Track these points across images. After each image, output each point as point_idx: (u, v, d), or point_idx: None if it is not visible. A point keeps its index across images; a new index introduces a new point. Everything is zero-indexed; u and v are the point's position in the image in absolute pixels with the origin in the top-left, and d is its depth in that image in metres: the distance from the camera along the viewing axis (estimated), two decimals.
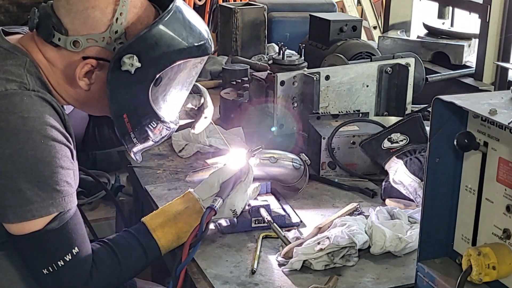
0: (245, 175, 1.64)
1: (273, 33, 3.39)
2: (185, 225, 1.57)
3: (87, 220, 3.02)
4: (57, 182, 1.40)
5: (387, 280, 1.50)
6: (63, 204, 1.42)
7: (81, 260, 1.44)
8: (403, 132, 1.98)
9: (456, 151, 1.30)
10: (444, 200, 1.34)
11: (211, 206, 1.56)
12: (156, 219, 1.58)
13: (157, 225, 1.57)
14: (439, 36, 3.06)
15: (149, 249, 1.55)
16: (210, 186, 1.62)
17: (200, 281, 1.51)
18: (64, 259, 1.42)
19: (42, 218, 1.39)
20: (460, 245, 1.35)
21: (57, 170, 1.40)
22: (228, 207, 1.62)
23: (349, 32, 2.68)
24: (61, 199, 1.41)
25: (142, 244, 1.54)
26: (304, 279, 1.50)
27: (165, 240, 1.56)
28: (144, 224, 1.57)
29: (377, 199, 1.89)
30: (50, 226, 1.40)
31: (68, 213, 1.43)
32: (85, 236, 1.48)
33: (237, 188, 1.62)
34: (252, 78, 2.32)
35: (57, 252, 1.42)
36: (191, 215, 1.59)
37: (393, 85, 2.27)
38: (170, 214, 1.59)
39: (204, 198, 1.61)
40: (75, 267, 1.44)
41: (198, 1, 4.21)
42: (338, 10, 3.72)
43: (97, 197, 3.59)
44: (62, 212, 1.42)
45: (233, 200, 1.62)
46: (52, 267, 1.42)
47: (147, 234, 1.55)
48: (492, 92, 1.83)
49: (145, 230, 1.56)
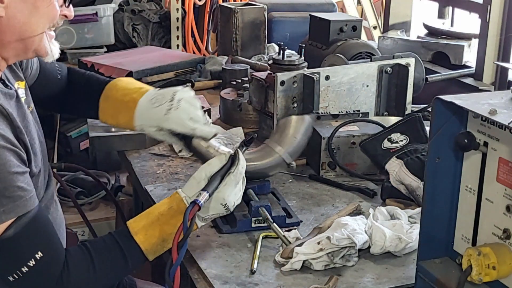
0: (234, 167, 1.52)
1: (273, 33, 3.39)
2: (170, 227, 1.48)
3: (87, 220, 3.04)
4: (5, 189, 1.34)
5: (387, 280, 1.50)
6: (16, 209, 1.36)
7: (47, 264, 1.40)
8: (403, 132, 1.98)
9: (456, 151, 1.30)
10: (444, 200, 1.33)
11: (195, 201, 1.45)
12: (140, 221, 1.51)
13: (139, 228, 1.49)
14: (439, 36, 3.06)
15: (129, 253, 1.48)
16: (197, 181, 1.51)
17: (200, 281, 1.51)
18: (28, 265, 1.37)
19: None
20: (460, 245, 1.35)
21: (3, 176, 1.34)
22: (218, 202, 1.50)
23: (349, 32, 2.68)
24: (12, 205, 1.35)
25: (122, 248, 1.48)
26: (304, 279, 1.50)
27: (149, 244, 1.49)
28: (127, 227, 1.50)
29: (377, 199, 1.89)
30: (6, 235, 1.35)
31: (25, 217, 1.37)
32: (52, 238, 1.44)
33: (226, 181, 1.51)
34: (252, 78, 2.32)
35: (18, 259, 1.38)
36: (174, 215, 1.49)
37: (393, 85, 2.27)
38: (154, 216, 1.50)
39: (191, 195, 1.50)
40: (41, 272, 1.39)
41: (198, 1, 4.20)
42: (338, 10, 3.72)
43: (97, 197, 3.60)
44: (18, 218, 1.36)
45: (222, 193, 1.50)
46: (17, 274, 1.38)
47: (128, 237, 1.48)
48: (492, 92, 1.83)
49: (126, 233, 1.49)
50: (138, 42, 4.02)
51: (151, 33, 4.05)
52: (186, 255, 1.60)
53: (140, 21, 4.04)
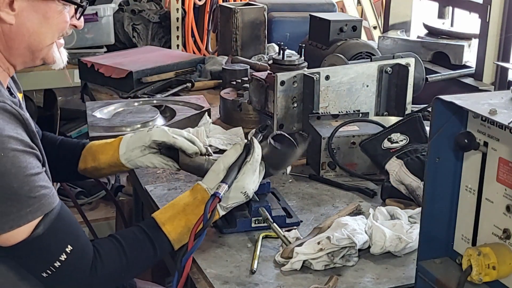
0: (250, 156, 1.58)
1: (273, 33, 3.39)
2: (195, 216, 1.54)
3: (87, 220, 3.04)
4: (29, 190, 1.38)
5: (387, 280, 1.50)
6: (42, 208, 1.40)
7: (79, 256, 1.43)
8: (403, 132, 1.98)
9: (456, 151, 1.30)
10: (444, 200, 1.33)
11: (215, 194, 1.52)
12: (165, 213, 1.56)
13: (166, 218, 1.55)
14: (439, 36, 3.06)
15: (158, 243, 1.53)
16: (216, 173, 1.58)
17: (200, 281, 1.51)
18: (60, 259, 1.41)
19: (23, 227, 1.37)
20: (460, 245, 1.35)
21: (26, 179, 1.38)
22: (238, 191, 1.57)
23: (349, 32, 2.68)
24: (38, 204, 1.39)
25: (151, 238, 1.53)
26: (304, 279, 1.50)
27: (176, 233, 1.54)
28: (154, 219, 1.55)
29: (377, 199, 1.89)
30: (36, 233, 1.38)
31: (51, 214, 1.41)
32: (78, 231, 1.47)
33: (243, 170, 1.57)
34: (252, 78, 2.32)
35: (50, 255, 1.41)
36: (199, 205, 1.55)
37: (393, 85, 2.27)
38: (179, 206, 1.56)
39: (212, 187, 1.56)
40: (73, 264, 1.43)
41: (198, 1, 4.21)
42: (338, 10, 3.72)
43: (97, 197, 3.61)
44: (45, 216, 1.40)
45: (242, 182, 1.56)
46: (50, 270, 1.41)
47: (156, 228, 1.53)
48: (492, 92, 1.83)
49: (154, 224, 1.54)
50: (138, 42, 4.02)
51: (151, 33, 4.06)
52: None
53: (140, 21, 4.04)
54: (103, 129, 2.26)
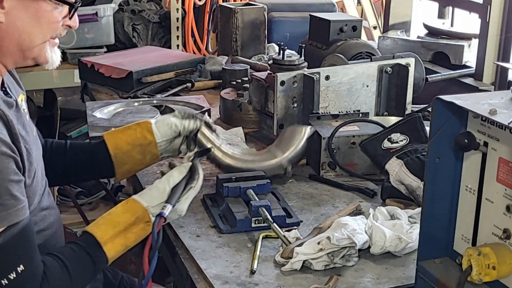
0: (195, 181, 1.61)
1: (273, 33, 3.39)
2: (134, 235, 1.53)
3: (87, 220, 3.04)
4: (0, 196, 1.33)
5: (387, 280, 1.50)
6: (8, 218, 1.34)
7: (28, 278, 1.37)
8: (403, 132, 1.98)
9: (456, 151, 1.30)
10: (444, 200, 1.34)
11: (161, 214, 1.52)
12: (106, 231, 1.52)
13: (108, 238, 1.51)
14: (439, 36, 3.06)
15: (98, 262, 1.50)
16: (160, 192, 1.56)
17: (200, 281, 1.51)
18: (9, 277, 1.34)
19: None
20: (460, 245, 1.35)
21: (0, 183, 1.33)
22: (177, 213, 1.58)
23: (349, 32, 2.68)
24: (5, 213, 1.34)
25: (93, 258, 1.49)
26: (304, 279, 1.50)
27: (114, 252, 1.52)
28: (93, 236, 1.51)
29: (377, 199, 1.89)
30: None
31: (14, 227, 1.35)
32: (34, 252, 1.41)
33: (187, 195, 1.59)
34: (252, 78, 2.32)
35: (0, 271, 1.35)
36: (138, 224, 1.53)
37: (393, 85, 2.27)
38: (120, 225, 1.53)
39: (154, 205, 1.54)
40: (21, 285, 1.37)
41: (198, 1, 4.21)
42: (338, 10, 3.72)
43: (97, 197, 3.60)
44: (8, 227, 1.34)
45: (182, 205, 1.58)
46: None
47: (97, 247, 1.50)
48: (492, 92, 1.83)
49: (95, 243, 1.50)
50: (138, 42, 4.02)
51: (151, 33, 4.06)
52: (186, 255, 1.61)
53: (140, 21, 4.04)
54: (103, 129, 2.25)
